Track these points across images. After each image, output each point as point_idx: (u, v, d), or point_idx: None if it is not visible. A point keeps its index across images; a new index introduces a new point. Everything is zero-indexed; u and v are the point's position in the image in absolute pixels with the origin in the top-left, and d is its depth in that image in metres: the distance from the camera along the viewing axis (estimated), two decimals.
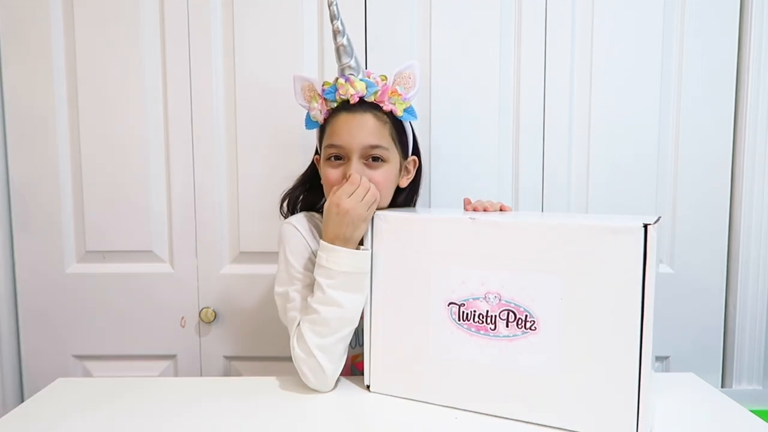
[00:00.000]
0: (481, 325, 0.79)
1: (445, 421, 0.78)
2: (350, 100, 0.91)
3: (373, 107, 0.93)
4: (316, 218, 1.00)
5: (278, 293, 0.95)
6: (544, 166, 1.21)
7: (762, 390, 1.22)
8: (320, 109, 0.94)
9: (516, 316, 0.77)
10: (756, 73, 1.17)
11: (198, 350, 1.27)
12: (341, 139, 0.91)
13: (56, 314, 1.25)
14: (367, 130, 0.91)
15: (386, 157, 0.93)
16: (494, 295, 0.78)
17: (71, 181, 1.23)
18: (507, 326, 0.77)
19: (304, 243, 0.94)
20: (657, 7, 1.17)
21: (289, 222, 0.97)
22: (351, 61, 0.90)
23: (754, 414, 0.79)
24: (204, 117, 1.21)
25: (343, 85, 0.91)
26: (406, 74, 0.94)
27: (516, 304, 0.77)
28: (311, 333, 0.86)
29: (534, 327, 0.76)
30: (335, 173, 0.92)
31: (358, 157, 0.91)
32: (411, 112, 0.96)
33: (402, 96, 0.93)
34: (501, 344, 0.78)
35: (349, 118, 0.91)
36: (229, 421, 0.80)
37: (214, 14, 1.20)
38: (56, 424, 0.79)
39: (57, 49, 1.20)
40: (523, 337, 0.76)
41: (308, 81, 0.96)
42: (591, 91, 1.20)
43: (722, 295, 1.23)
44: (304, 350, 0.86)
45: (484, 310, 0.79)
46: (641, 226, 0.69)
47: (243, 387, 0.93)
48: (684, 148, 1.20)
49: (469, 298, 0.80)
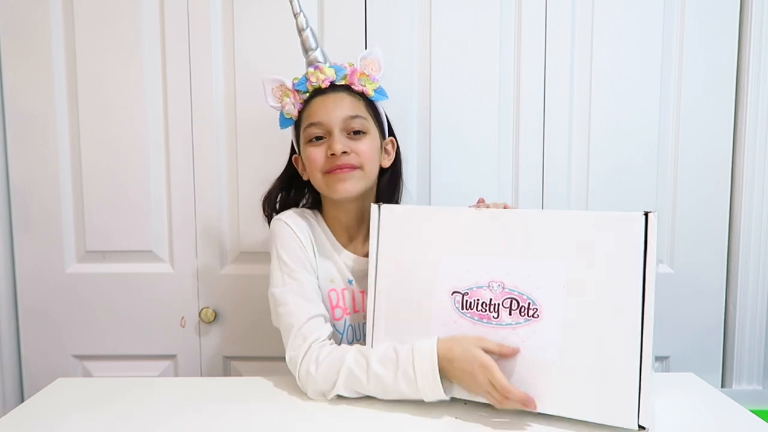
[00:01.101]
0: (485, 314, 0.80)
1: (445, 419, 0.78)
2: (321, 85, 0.93)
3: (344, 88, 0.95)
4: (307, 214, 0.99)
5: (271, 293, 0.93)
6: (544, 166, 1.21)
7: (762, 390, 1.22)
8: (293, 103, 0.96)
9: (519, 304, 0.78)
10: (756, 73, 1.17)
11: (198, 350, 1.27)
12: (319, 116, 0.92)
13: (56, 314, 1.25)
14: (344, 105, 0.93)
15: (366, 128, 0.94)
16: (498, 284, 0.79)
17: (71, 181, 1.23)
18: (510, 314, 0.78)
19: (297, 241, 0.93)
20: (657, 7, 1.18)
21: (279, 219, 0.96)
22: (316, 52, 0.95)
23: (754, 414, 0.79)
24: (204, 117, 1.21)
25: (312, 73, 0.94)
26: (370, 59, 0.97)
27: (519, 292, 0.78)
28: (345, 383, 0.82)
29: (537, 314, 0.76)
30: (318, 152, 0.92)
31: (340, 130, 0.91)
32: (381, 92, 0.98)
33: (370, 77, 0.96)
34: (504, 332, 0.78)
35: (324, 98, 0.93)
36: (229, 421, 0.79)
37: (214, 14, 1.20)
38: (56, 424, 0.79)
39: (57, 49, 1.20)
40: (526, 325, 0.77)
41: (278, 81, 0.97)
42: (591, 91, 1.20)
43: (722, 295, 1.23)
44: (325, 382, 0.83)
45: (487, 299, 0.79)
46: (642, 214, 0.72)
47: (243, 387, 0.93)
48: (684, 148, 1.20)
49: (474, 286, 0.80)
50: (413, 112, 1.22)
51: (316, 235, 0.97)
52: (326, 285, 0.95)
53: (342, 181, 0.91)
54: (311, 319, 0.89)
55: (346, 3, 1.19)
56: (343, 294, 0.96)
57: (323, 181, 0.93)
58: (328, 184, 0.93)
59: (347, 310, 0.96)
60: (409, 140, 1.22)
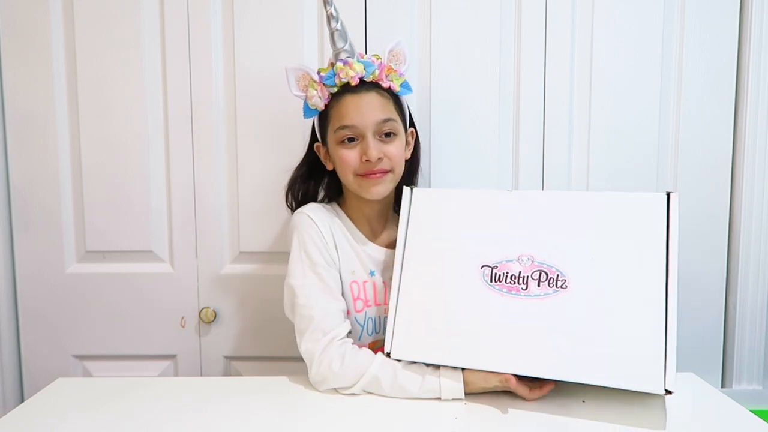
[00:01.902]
0: (513, 286, 0.82)
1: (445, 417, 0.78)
2: (351, 82, 0.93)
3: (373, 86, 0.95)
4: (328, 209, 0.99)
5: (290, 285, 0.92)
6: (544, 166, 1.21)
7: (762, 390, 1.22)
8: (320, 96, 0.95)
9: (548, 276, 0.81)
10: (756, 73, 1.17)
11: (198, 350, 1.27)
12: (353, 119, 0.92)
13: (56, 314, 1.25)
14: (376, 107, 0.93)
15: (397, 130, 0.96)
16: (528, 257, 0.82)
17: (71, 181, 1.23)
18: (539, 286, 0.81)
19: (320, 235, 0.94)
20: (657, 7, 1.17)
21: (302, 212, 0.96)
22: (346, 45, 0.95)
23: (754, 414, 0.79)
24: (204, 117, 1.21)
25: (342, 68, 0.93)
26: (396, 51, 0.99)
27: (548, 265, 0.81)
28: (364, 386, 0.85)
29: (565, 285, 0.80)
30: (352, 154, 0.93)
31: (372, 134, 0.92)
32: (407, 87, 1.00)
33: (397, 72, 0.98)
34: (532, 303, 0.81)
35: (355, 98, 0.93)
36: (229, 421, 0.79)
37: (214, 14, 1.20)
38: (56, 424, 0.79)
39: (57, 49, 1.20)
40: (554, 296, 0.80)
41: (302, 70, 0.97)
42: (591, 91, 1.20)
43: (722, 295, 1.23)
44: (346, 381, 0.85)
45: (516, 272, 0.82)
46: (664, 194, 0.80)
47: (243, 387, 0.93)
48: (684, 148, 1.20)
49: (503, 260, 0.84)
50: (413, 111, 1.21)
51: (338, 229, 0.97)
52: (348, 277, 0.96)
53: (376, 185, 0.94)
54: (331, 313, 0.89)
55: (346, 3, 1.18)
56: (364, 286, 0.97)
57: (355, 181, 0.95)
58: (360, 185, 0.95)
59: (368, 302, 0.97)
60: None
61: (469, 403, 0.82)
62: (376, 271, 0.99)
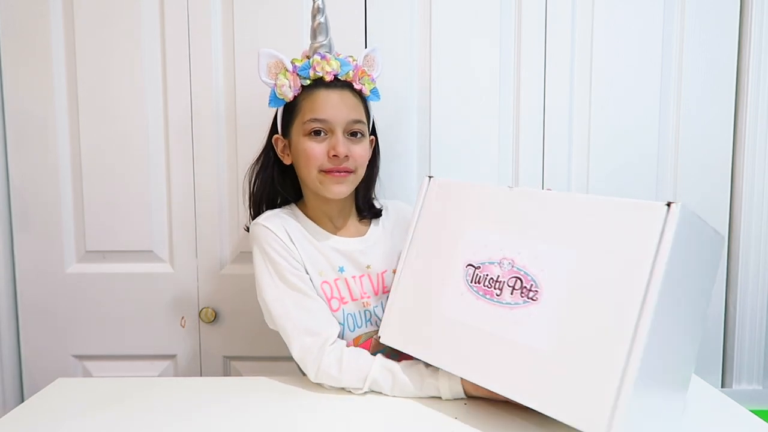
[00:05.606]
0: (489, 290, 0.79)
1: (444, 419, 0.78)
2: (325, 77, 0.93)
3: (347, 85, 0.95)
4: (284, 213, 0.97)
5: (263, 300, 0.92)
6: (544, 167, 1.21)
7: (762, 390, 1.22)
8: (290, 86, 0.94)
9: (522, 284, 0.76)
10: (756, 73, 1.17)
11: (198, 350, 1.27)
12: (326, 113, 0.92)
13: (56, 314, 1.25)
14: (350, 105, 0.94)
15: (364, 131, 0.96)
16: (508, 261, 0.78)
17: (71, 181, 1.23)
18: (512, 293, 0.77)
19: (279, 241, 0.92)
20: (657, 7, 1.18)
21: (257, 223, 0.94)
22: (325, 40, 0.94)
23: (754, 414, 0.79)
24: (204, 117, 1.21)
25: (319, 62, 0.92)
26: (371, 57, 0.99)
27: (525, 273, 0.76)
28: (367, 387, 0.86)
29: (536, 297, 0.74)
30: (319, 148, 0.92)
31: (342, 131, 0.92)
32: (376, 93, 1.00)
33: (370, 77, 0.98)
34: (501, 311, 0.77)
35: (330, 93, 0.93)
36: (229, 421, 0.79)
37: (214, 14, 1.20)
38: (56, 424, 0.79)
39: (57, 49, 1.20)
40: (523, 306, 0.75)
41: (276, 57, 0.95)
42: (591, 91, 1.20)
43: (722, 294, 1.23)
44: (348, 384, 0.86)
45: (495, 275, 0.79)
46: (664, 204, 0.66)
47: (243, 387, 0.92)
48: (684, 148, 1.20)
49: (486, 261, 0.80)
50: (413, 110, 1.22)
51: (296, 231, 0.95)
52: (317, 278, 0.94)
53: (338, 184, 0.93)
54: (313, 316, 0.89)
55: (346, 3, 1.18)
56: (336, 284, 0.95)
57: (317, 178, 0.93)
58: (322, 182, 0.93)
59: (344, 299, 0.95)
60: (409, 138, 1.22)
61: (469, 403, 0.82)
62: (346, 266, 0.97)
